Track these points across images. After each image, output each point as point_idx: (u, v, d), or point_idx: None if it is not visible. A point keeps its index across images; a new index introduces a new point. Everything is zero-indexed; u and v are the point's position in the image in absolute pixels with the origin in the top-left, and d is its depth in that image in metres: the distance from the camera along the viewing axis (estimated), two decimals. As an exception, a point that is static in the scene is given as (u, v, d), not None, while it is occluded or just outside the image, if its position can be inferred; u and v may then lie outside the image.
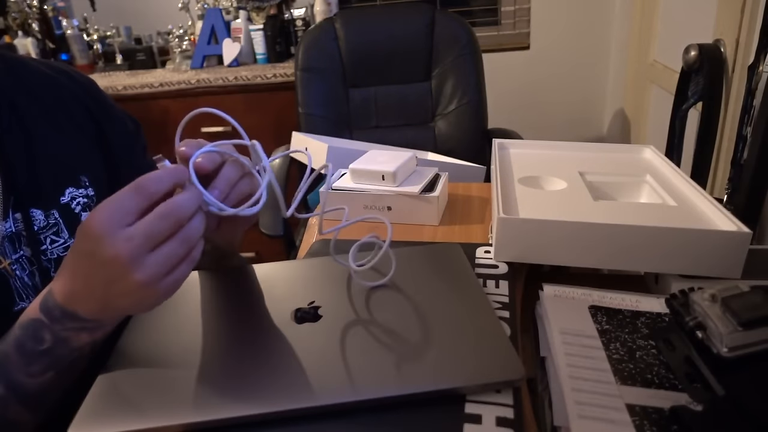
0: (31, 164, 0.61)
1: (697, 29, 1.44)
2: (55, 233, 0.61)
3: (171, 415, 0.42)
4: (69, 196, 0.63)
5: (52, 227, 0.61)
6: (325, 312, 0.53)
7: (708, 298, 0.49)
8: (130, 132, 0.74)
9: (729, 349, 0.45)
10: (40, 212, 0.60)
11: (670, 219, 0.63)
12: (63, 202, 0.62)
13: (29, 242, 0.59)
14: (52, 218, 0.61)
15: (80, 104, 0.68)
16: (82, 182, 0.65)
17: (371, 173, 0.84)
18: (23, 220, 0.59)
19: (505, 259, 0.64)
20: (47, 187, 0.61)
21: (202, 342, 0.50)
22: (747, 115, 0.94)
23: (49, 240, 0.60)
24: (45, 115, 0.64)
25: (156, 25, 2.33)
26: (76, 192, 0.64)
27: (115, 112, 0.73)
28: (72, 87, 0.68)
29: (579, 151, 0.87)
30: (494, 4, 2.31)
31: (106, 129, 0.70)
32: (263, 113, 1.98)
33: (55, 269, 0.61)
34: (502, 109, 2.14)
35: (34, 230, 0.59)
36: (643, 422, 0.41)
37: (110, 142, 0.70)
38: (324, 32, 1.69)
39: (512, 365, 0.46)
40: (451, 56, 1.67)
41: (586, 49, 2.29)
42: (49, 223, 0.61)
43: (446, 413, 0.43)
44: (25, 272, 0.59)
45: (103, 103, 0.71)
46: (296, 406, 0.43)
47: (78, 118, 0.67)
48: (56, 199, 0.62)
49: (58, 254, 0.61)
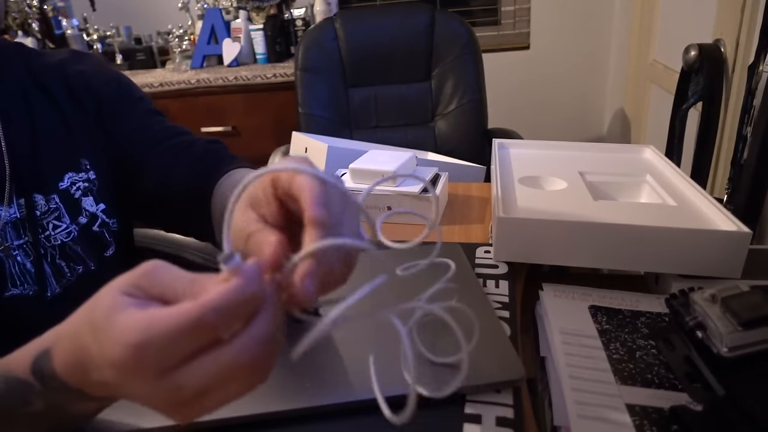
0: (34, 150, 0.61)
1: (697, 29, 1.44)
2: (57, 218, 0.61)
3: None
4: (68, 181, 0.63)
5: (54, 212, 0.61)
6: (325, 312, 0.53)
7: (708, 298, 0.49)
8: (134, 98, 0.71)
9: (729, 349, 0.45)
10: (41, 197, 0.60)
11: (670, 219, 0.63)
12: (62, 187, 0.62)
13: (31, 228, 0.59)
14: (53, 203, 0.61)
15: (87, 86, 0.67)
16: (83, 166, 0.65)
17: (371, 173, 0.84)
18: (26, 205, 0.59)
19: (504, 259, 0.64)
20: (48, 173, 0.62)
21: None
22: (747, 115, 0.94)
23: (51, 225, 0.61)
24: (51, 104, 0.64)
25: (156, 25, 2.33)
26: (75, 177, 0.63)
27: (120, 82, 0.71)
28: (80, 69, 0.68)
29: (579, 151, 0.86)
30: (494, 4, 2.31)
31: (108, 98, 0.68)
32: (263, 113, 1.98)
33: (59, 256, 0.61)
34: (502, 109, 2.14)
35: (36, 216, 0.60)
36: (643, 422, 0.41)
37: (110, 113, 0.68)
38: (324, 32, 1.69)
39: (512, 365, 0.46)
40: (451, 56, 1.67)
41: (586, 49, 2.29)
42: (50, 208, 0.61)
43: (446, 413, 0.43)
44: (29, 258, 0.59)
45: (108, 76, 0.70)
46: (296, 406, 0.43)
47: (83, 101, 0.66)
48: (55, 185, 0.62)
49: (61, 240, 0.61)
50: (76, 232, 0.63)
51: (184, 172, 0.65)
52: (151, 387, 0.28)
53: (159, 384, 0.28)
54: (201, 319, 0.27)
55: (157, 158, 0.67)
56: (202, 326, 0.27)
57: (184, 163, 0.66)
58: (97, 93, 0.68)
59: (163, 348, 0.27)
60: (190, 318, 0.27)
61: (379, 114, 1.73)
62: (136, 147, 0.68)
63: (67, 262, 0.62)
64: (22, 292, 0.58)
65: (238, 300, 0.28)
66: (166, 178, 0.66)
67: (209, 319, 0.27)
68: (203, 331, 0.28)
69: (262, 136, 1.96)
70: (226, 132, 1.95)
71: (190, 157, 0.66)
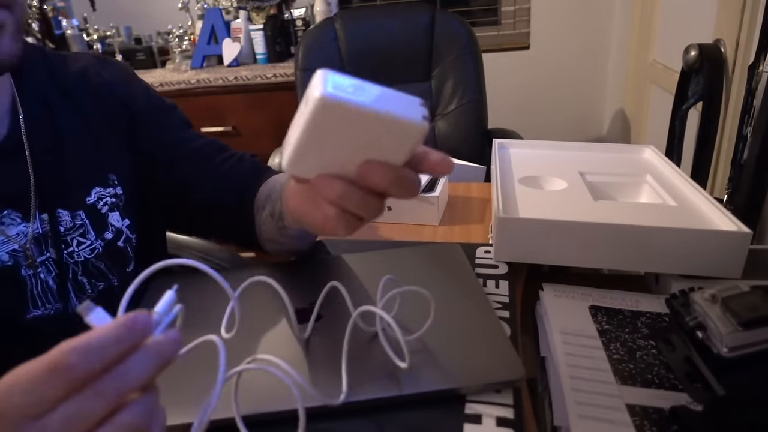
0: (58, 163, 0.59)
1: (697, 29, 1.44)
2: (82, 235, 0.59)
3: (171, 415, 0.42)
4: (95, 196, 0.61)
5: (79, 228, 0.60)
6: (325, 312, 0.53)
7: (708, 298, 0.49)
8: (167, 108, 0.71)
9: (729, 349, 0.45)
10: (66, 213, 0.59)
11: (670, 219, 0.63)
12: (89, 202, 0.61)
13: (54, 244, 0.57)
14: (78, 219, 0.59)
15: (115, 96, 0.66)
16: (111, 181, 0.63)
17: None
18: (49, 221, 0.57)
19: (505, 259, 0.64)
20: (74, 187, 0.60)
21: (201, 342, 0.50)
22: (747, 115, 0.94)
23: (76, 242, 0.59)
24: (76, 113, 0.62)
25: (156, 25, 2.32)
26: (103, 192, 0.62)
27: (149, 93, 0.70)
28: (107, 79, 0.66)
29: (579, 151, 0.86)
30: (494, 4, 2.31)
31: (141, 111, 0.67)
32: (263, 113, 1.98)
33: (81, 272, 0.59)
34: (502, 109, 2.14)
35: (59, 231, 0.58)
36: (643, 422, 0.41)
37: (144, 126, 0.67)
38: (324, 32, 1.69)
39: (512, 365, 0.46)
40: (451, 56, 1.67)
41: (586, 49, 2.29)
42: (75, 224, 0.59)
43: (446, 413, 0.43)
44: (50, 275, 0.57)
45: (137, 86, 0.69)
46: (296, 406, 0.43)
47: (111, 113, 0.65)
48: (82, 200, 0.60)
49: (84, 257, 0.59)
50: (101, 248, 0.61)
51: (238, 186, 0.66)
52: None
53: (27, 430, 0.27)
54: (61, 360, 0.27)
55: (210, 173, 0.67)
56: (61, 368, 0.27)
57: (235, 177, 0.67)
58: (127, 104, 0.66)
59: (24, 393, 0.27)
60: (50, 360, 0.27)
61: (379, 114, 1.73)
62: (182, 162, 0.67)
63: (89, 278, 0.60)
64: (44, 312, 0.57)
65: (102, 341, 0.27)
66: (221, 193, 0.66)
67: (70, 360, 0.27)
68: (64, 374, 0.27)
69: (262, 136, 1.95)
70: (226, 132, 1.95)
71: (241, 172, 0.67)
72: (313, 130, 0.34)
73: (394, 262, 0.63)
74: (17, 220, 0.56)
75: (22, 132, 0.57)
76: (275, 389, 0.44)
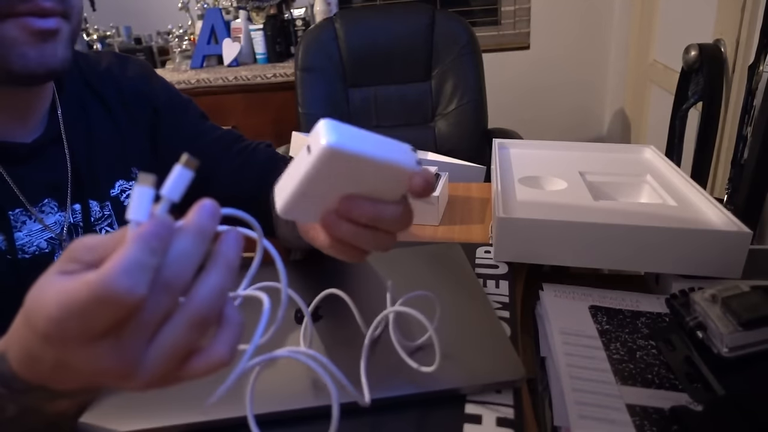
0: (90, 156, 0.62)
1: (697, 29, 1.44)
2: (110, 225, 0.62)
3: (171, 415, 0.42)
4: (119, 188, 0.64)
5: (107, 219, 0.62)
6: (326, 312, 0.53)
7: (708, 298, 0.49)
8: (184, 102, 0.74)
9: (729, 349, 0.45)
10: (96, 204, 0.61)
11: (670, 219, 0.63)
12: (113, 194, 0.63)
13: (86, 233, 0.59)
14: (106, 210, 0.62)
15: (138, 93, 0.68)
16: (133, 173, 0.66)
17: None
18: (82, 211, 0.60)
19: (505, 259, 0.64)
20: (102, 179, 0.63)
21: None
22: (747, 115, 0.94)
23: (104, 231, 0.61)
24: (104, 108, 0.65)
25: (156, 25, 2.32)
26: (126, 185, 0.64)
27: (169, 89, 0.73)
28: (130, 76, 0.69)
29: (579, 151, 0.86)
30: (494, 4, 2.31)
31: (162, 106, 0.70)
32: (263, 113, 1.98)
33: None
34: (502, 109, 2.14)
35: (90, 221, 0.60)
36: (643, 422, 0.41)
37: (166, 120, 0.70)
38: (324, 32, 1.69)
39: (512, 365, 0.46)
40: (451, 56, 1.67)
41: (586, 49, 2.29)
42: (104, 214, 0.62)
43: (446, 413, 0.43)
44: None
45: (157, 82, 0.72)
46: (296, 406, 0.43)
47: (135, 108, 0.68)
48: (107, 192, 0.63)
49: None
50: None
51: (255, 175, 0.69)
52: (91, 354, 0.27)
53: (97, 350, 0.26)
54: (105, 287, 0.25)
55: (228, 163, 0.70)
56: (108, 294, 0.25)
57: (252, 166, 0.70)
58: (149, 100, 0.69)
59: (82, 315, 0.26)
60: (93, 290, 0.25)
61: (379, 114, 1.73)
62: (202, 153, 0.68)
63: None
64: None
65: (146, 248, 0.26)
66: (239, 182, 0.69)
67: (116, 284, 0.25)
68: (113, 296, 0.25)
69: (262, 136, 1.93)
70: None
71: (257, 161, 0.71)
72: (315, 176, 0.34)
73: (395, 262, 0.63)
74: (54, 209, 0.58)
75: (60, 126, 0.60)
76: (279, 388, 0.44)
